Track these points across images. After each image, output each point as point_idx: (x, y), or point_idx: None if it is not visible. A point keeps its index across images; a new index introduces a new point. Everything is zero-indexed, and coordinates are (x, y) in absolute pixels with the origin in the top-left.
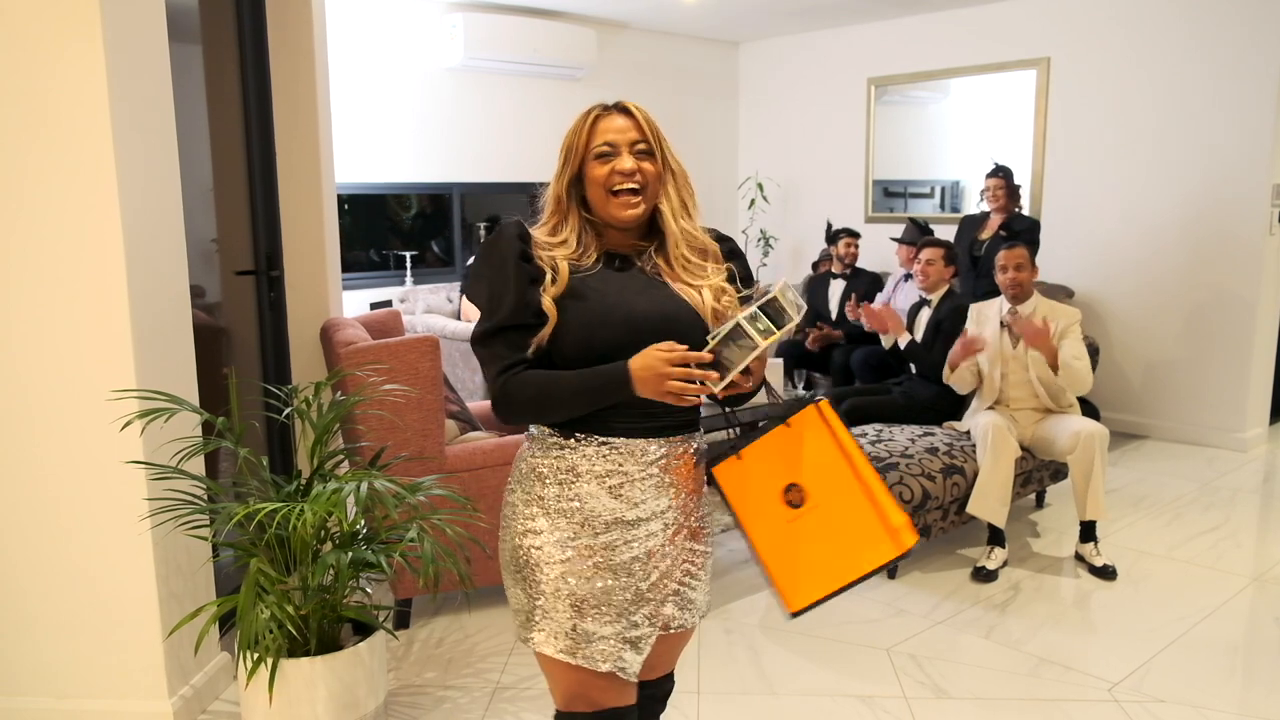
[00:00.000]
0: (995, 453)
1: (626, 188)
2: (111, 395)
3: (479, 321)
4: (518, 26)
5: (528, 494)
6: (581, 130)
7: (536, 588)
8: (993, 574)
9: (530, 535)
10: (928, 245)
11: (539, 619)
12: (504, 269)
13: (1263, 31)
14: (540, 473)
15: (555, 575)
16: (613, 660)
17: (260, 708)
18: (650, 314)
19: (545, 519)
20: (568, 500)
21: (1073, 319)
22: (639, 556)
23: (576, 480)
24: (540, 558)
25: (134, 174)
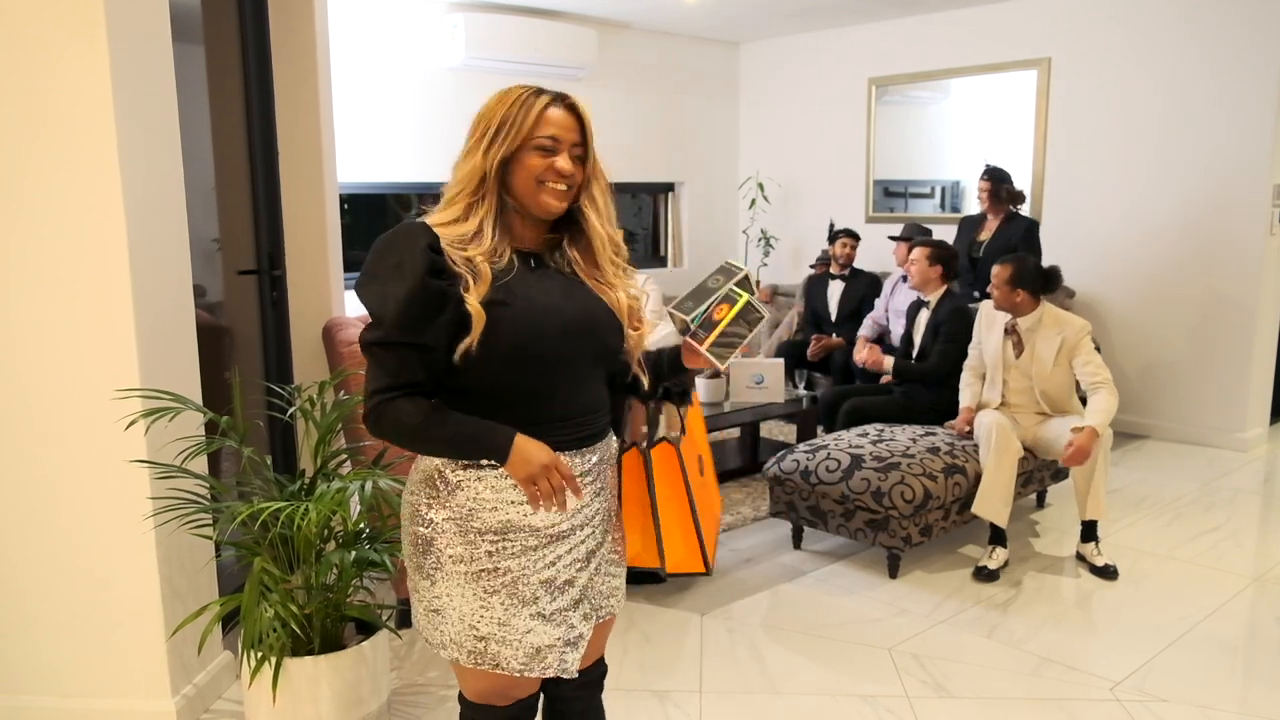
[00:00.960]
0: (998, 453)
1: (560, 187)
2: (115, 394)
3: (368, 326)
4: (519, 26)
5: (453, 513)
6: (529, 114)
7: (490, 613)
8: (994, 574)
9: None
10: (918, 244)
11: (495, 644)
12: (405, 281)
13: (1263, 32)
14: (466, 491)
15: (498, 599)
16: (556, 665)
17: (263, 707)
18: (580, 318)
19: (481, 539)
20: (500, 519)
21: (1082, 332)
22: (577, 560)
23: (511, 498)
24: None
25: (137, 173)
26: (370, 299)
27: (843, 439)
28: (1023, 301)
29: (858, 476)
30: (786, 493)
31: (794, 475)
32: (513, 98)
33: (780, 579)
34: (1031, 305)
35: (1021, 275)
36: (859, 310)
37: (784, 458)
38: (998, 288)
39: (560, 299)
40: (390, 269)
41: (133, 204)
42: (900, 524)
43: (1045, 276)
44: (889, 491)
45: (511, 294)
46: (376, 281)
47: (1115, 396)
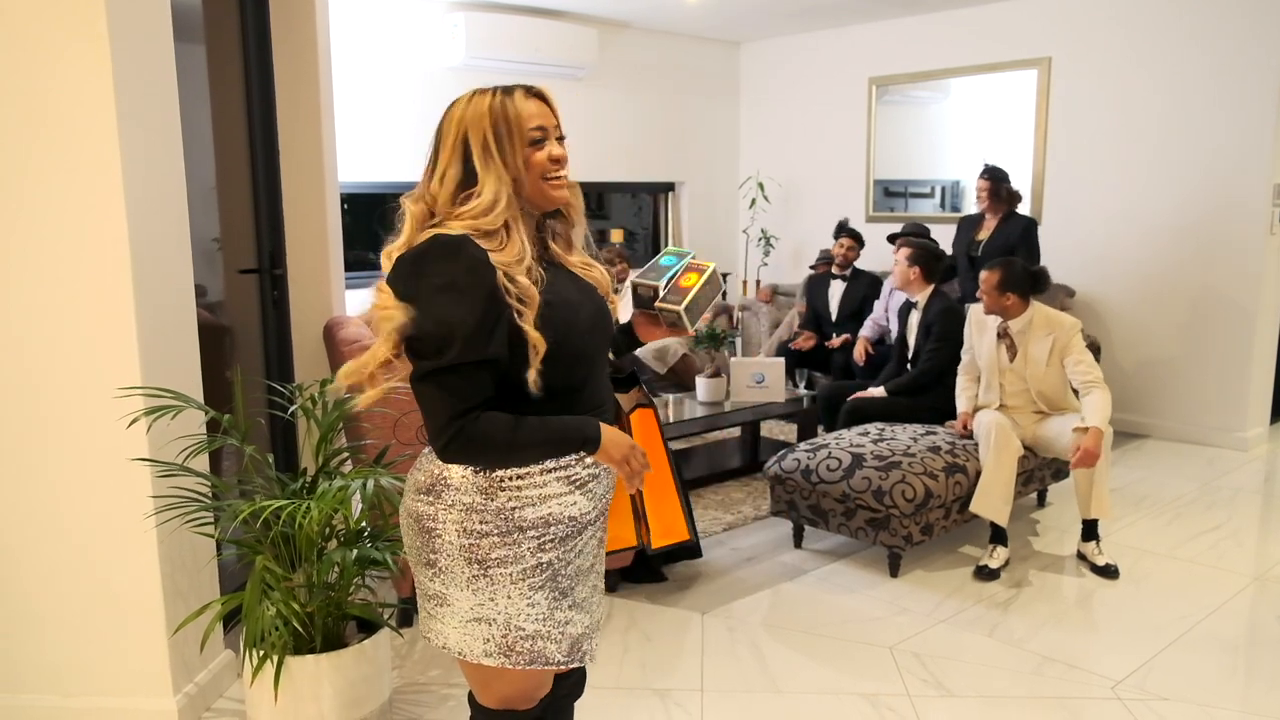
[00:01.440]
0: (998, 451)
1: (559, 174)
2: (117, 393)
3: (422, 355)
4: (519, 26)
5: (495, 517)
6: (518, 112)
7: (536, 610)
8: (995, 573)
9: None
10: (902, 243)
11: (542, 640)
12: (468, 299)
13: (1263, 31)
14: (507, 490)
15: (543, 594)
16: (591, 652)
17: (265, 705)
18: (595, 309)
19: (523, 537)
20: (543, 512)
21: (1072, 330)
22: (597, 545)
23: (554, 490)
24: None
25: (138, 172)
26: (427, 322)
27: (843, 438)
28: (1012, 305)
29: (859, 475)
30: (787, 492)
31: (795, 474)
32: (487, 104)
33: (781, 578)
34: (1021, 308)
35: (1009, 279)
36: (859, 311)
37: (785, 457)
38: (986, 293)
39: (577, 294)
40: (450, 290)
41: (134, 203)
42: (901, 523)
43: (1033, 278)
44: (890, 490)
45: (553, 299)
46: (432, 305)
47: (1108, 393)
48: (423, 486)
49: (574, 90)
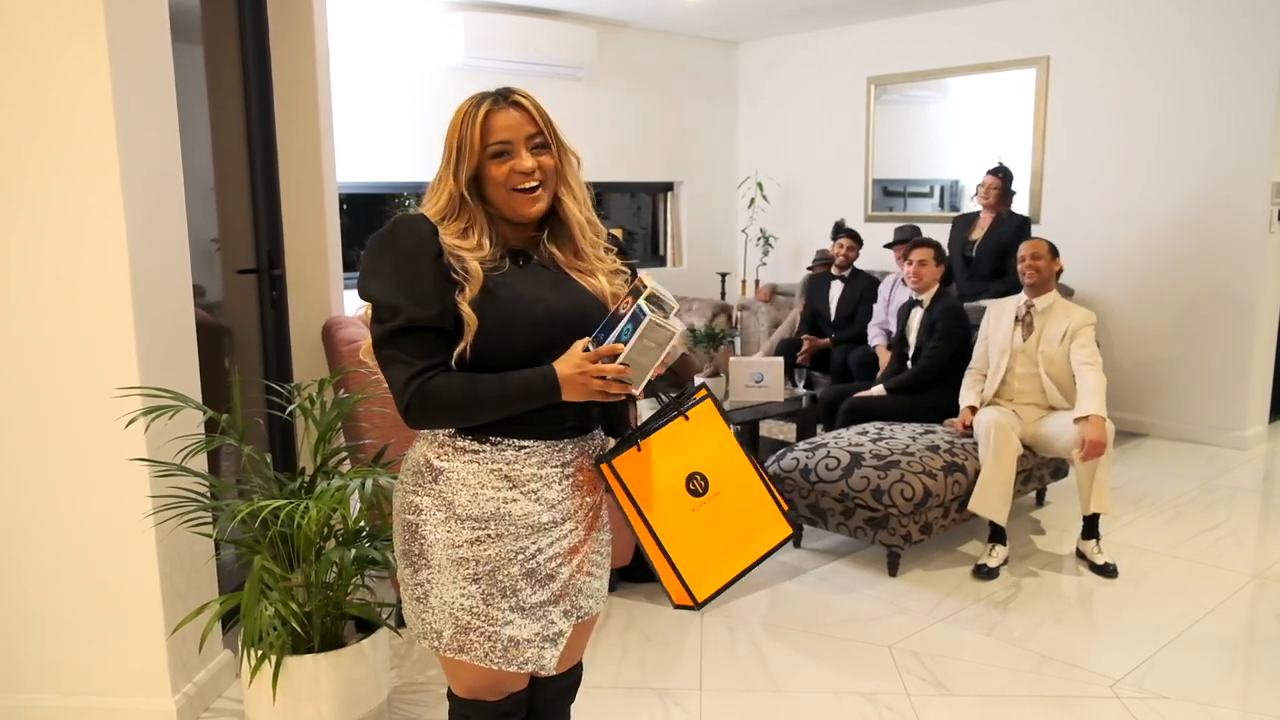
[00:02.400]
0: (997, 450)
1: (527, 186)
2: (115, 393)
3: (380, 321)
4: (518, 26)
5: (437, 500)
6: (474, 125)
7: (470, 601)
8: (994, 571)
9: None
10: (918, 245)
11: (474, 634)
12: (414, 265)
13: (1262, 30)
14: (449, 478)
15: (478, 587)
16: (534, 661)
17: (264, 705)
18: (567, 310)
19: (461, 526)
20: (481, 506)
21: (1087, 320)
22: (558, 555)
23: (491, 486)
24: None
25: (137, 173)
26: (380, 289)
27: (842, 437)
28: (1058, 270)
29: (857, 475)
30: (786, 490)
31: (794, 473)
32: (461, 114)
33: (780, 577)
34: (1052, 276)
35: (1053, 246)
36: (856, 312)
37: (784, 456)
38: (1036, 258)
39: (549, 291)
40: (400, 263)
41: (132, 203)
42: (900, 522)
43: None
44: (889, 489)
45: (499, 286)
46: (382, 275)
47: (1104, 377)
48: (403, 470)
49: (573, 90)
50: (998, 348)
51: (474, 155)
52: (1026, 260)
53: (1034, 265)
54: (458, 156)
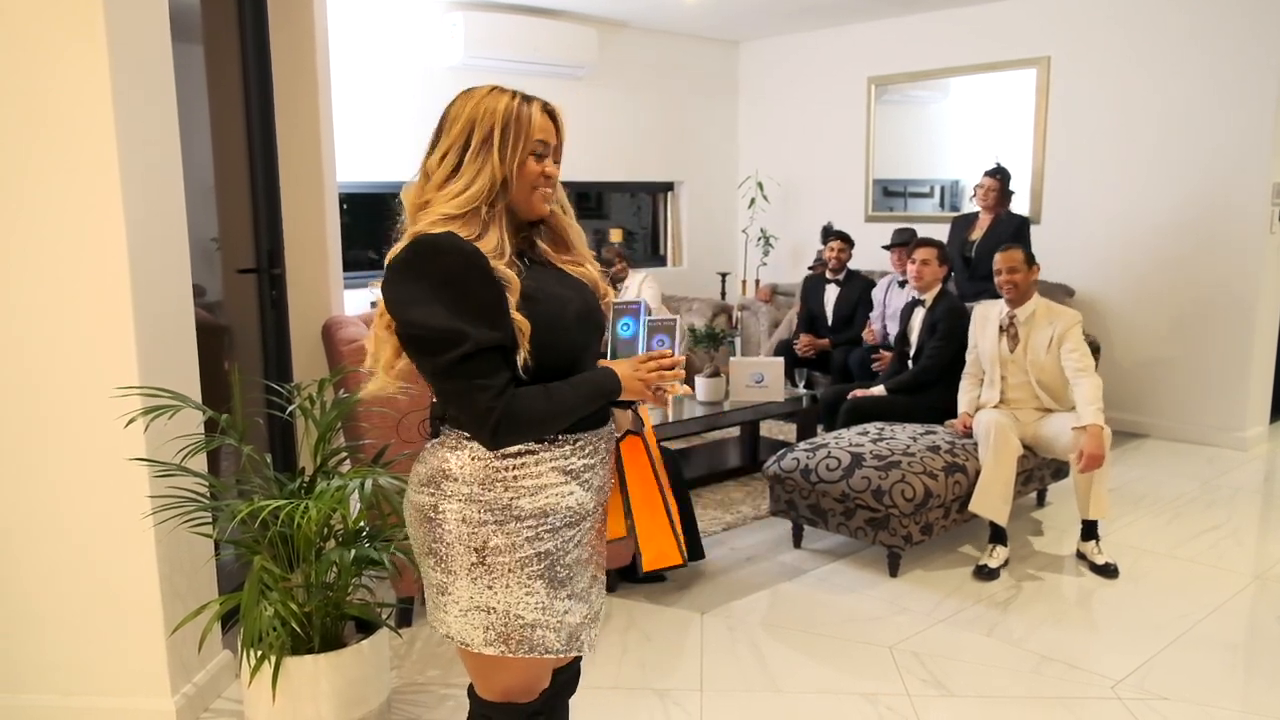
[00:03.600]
0: (997, 451)
1: (548, 189)
2: (115, 393)
3: (438, 350)
4: (518, 25)
5: (495, 506)
6: (529, 120)
7: (534, 598)
8: (994, 572)
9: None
10: (921, 245)
11: (541, 629)
12: (470, 286)
13: (1262, 30)
14: (507, 482)
15: (542, 583)
16: (587, 643)
17: (263, 705)
18: (587, 304)
19: (521, 526)
20: (540, 503)
21: (1073, 321)
22: (595, 536)
23: (551, 482)
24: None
25: (137, 172)
26: (441, 319)
27: (843, 437)
28: (1034, 279)
29: (858, 475)
30: (787, 491)
31: (794, 474)
32: (504, 103)
33: (780, 577)
34: (1032, 290)
35: (1029, 253)
36: (853, 315)
37: (784, 456)
38: (1013, 271)
39: (562, 289)
40: (456, 285)
41: (132, 202)
42: (900, 522)
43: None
44: (889, 490)
45: (533, 290)
46: (430, 300)
47: (1099, 381)
48: (424, 478)
49: (573, 90)
50: (987, 357)
51: (523, 145)
52: (1003, 274)
53: (1010, 280)
54: (504, 140)
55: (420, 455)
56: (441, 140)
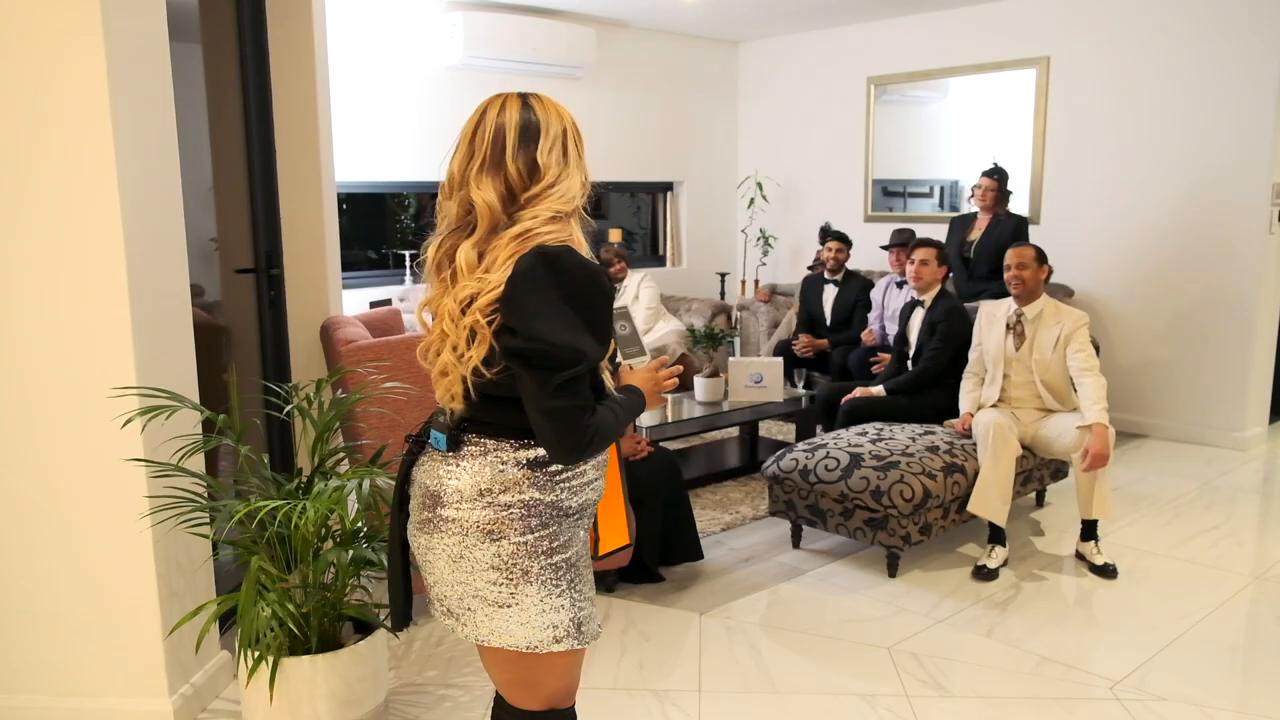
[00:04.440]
0: (996, 451)
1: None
2: (112, 393)
3: (563, 365)
4: (517, 25)
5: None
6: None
7: (576, 587)
8: (993, 572)
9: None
10: (920, 245)
11: (586, 615)
12: (589, 300)
13: (1262, 31)
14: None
15: (581, 572)
16: (600, 628)
17: (261, 706)
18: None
19: (566, 528)
20: (583, 499)
21: (1080, 322)
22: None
23: (590, 478)
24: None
25: (134, 172)
26: (562, 334)
27: (842, 438)
28: (1045, 278)
29: (857, 475)
30: (785, 492)
31: (793, 474)
32: (569, 112)
33: (779, 578)
34: (1042, 289)
35: (1040, 251)
36: (851, 315)
37: (783, 457)
38: (1022, 267)
39: None
40: (575, 299)
41: (129, 202)
42: (899, 523)
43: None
44: (888, 490)
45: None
46: (563, 315)
47: (1104, 381)
48: (474, 493)
49: (572, 90)
50: (991, 355)
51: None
52: (1012, 269)
53: (1019, 275)
54: (582, 148)
55: (445, 469)
56: (540, 145)
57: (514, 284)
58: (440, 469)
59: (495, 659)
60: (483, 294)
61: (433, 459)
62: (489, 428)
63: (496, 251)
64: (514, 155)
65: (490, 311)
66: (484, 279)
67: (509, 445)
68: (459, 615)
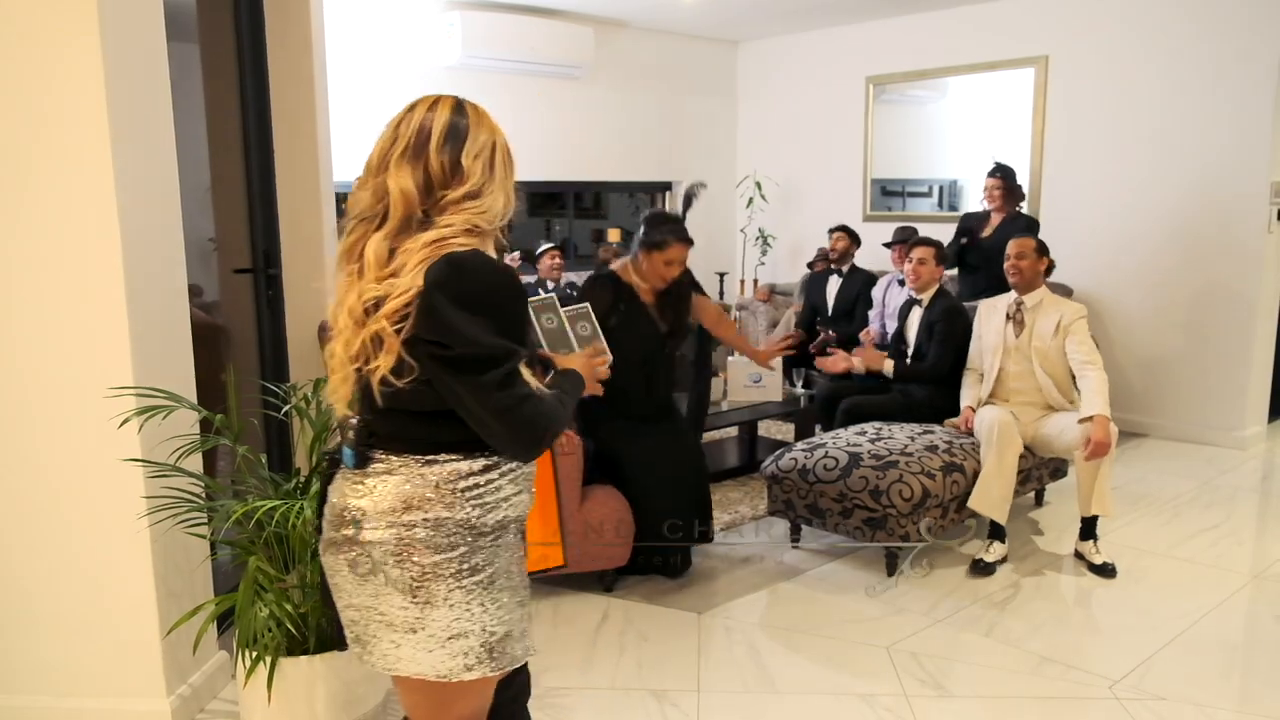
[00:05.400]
0: (1000, 449)
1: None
2: (109, 393)
3: (492, 365)
4: (516, 25)
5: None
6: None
7: (491, 611)
8: (991, 567)
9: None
10: (919, 244)
11: (501, 638)
12: (503, 300)
13: (1261, 30)
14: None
15: (508, 593)
16: (532, 644)
17: (259, 706)
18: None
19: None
20: (519, 510)
21: (1079, 313)
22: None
23: (507, 494)
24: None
25: (131, 172)
26: (486, 335)
27: (841, 437)
28: (1045, 267)
29: (856, 475)
30: (784, 491)
31: (792, 473)
32: (498, 125)
33: (778, 577)
34: (1037, 275)
35: (1042, 244)
36: (853, 309)
37: (782, 456)
38: (1021, 257)
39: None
40: (491, 300)
41: (126, 202)
42: (898, 522)
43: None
44: (887, 490)
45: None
46: (484, 317)
47: (1106, 375)
48: (378, 511)
49: (570, 89)
50: (990, 346)
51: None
52: (1011, 259)
53: (1016, 265)
54: (510, 167)
55: (349, 489)
56: (465, 147)
57: (429, 295)
58: (347, 487)
59: (406, 684)
60: (390, 299)
61: (344, 476)
62: (395, 443)
63: (408, 255)
64: (438, 148)
65: (398, 319)
66: (392, 283)
67: (415, 461)
68: (366, 643)
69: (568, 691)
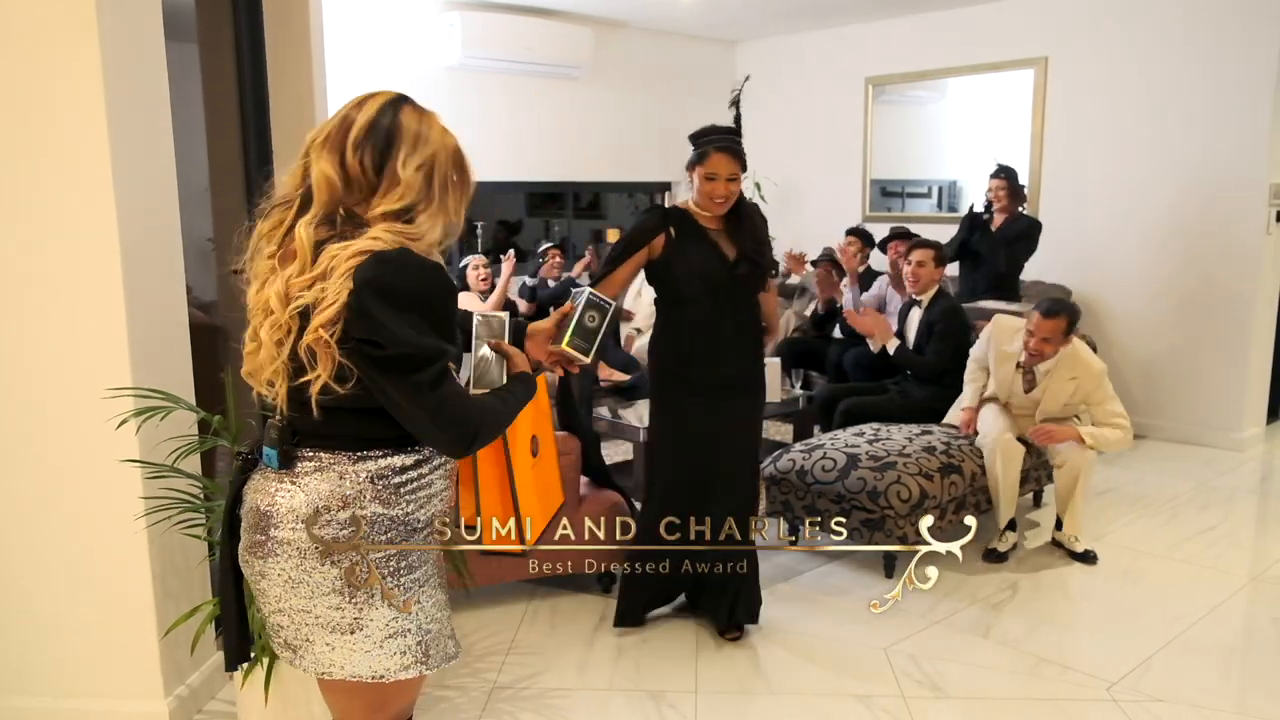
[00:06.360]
0: (1005, 463)
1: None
2: (107, 393)
3: (424, 364)
4: (515, 25)
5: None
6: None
7: (425, 609)
8: (1004, 555)
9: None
10: (918, 246)
11: (434, 636)
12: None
13: (1259, 31)
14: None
15: (436, 590)
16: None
17: (256, 707)
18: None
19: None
20: (440, 506)
21: (1100, 378)
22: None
23: (438, 489)
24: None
25: (130, 173)
26: (415, 334)
27: (839, 438)
28: (1056, 350)
29: (854, 476)
30: (783, 492)
31: (790, 474)
32: (456, 143)
33: (776, 579)
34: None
35: (1074, 321)
36: None
37: (780, 457)
38: (1045, 342)
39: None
40: (423, 299)
41: (124, 203)
42: (896, 523)
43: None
44: (885, 491)
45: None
46: (414, 315)
47: (1127, 437)
48: (310, 511)
49: (570, 90)
50: (999, 380)
51: (469, 196)
52: (1034, 340)
53: (1039, 348)
54: (459, 189)
55: (275, 489)
56: (400, 152)
57: (359, 294)
58: (272, 486)
59: (337, 689)
60: (321, 309)
61: (265, 476)
62: (325, 440)
63: (336, 261)
64: (354, 144)
65: (332, 327)
66: (322, 288)
67: (346, 458)
68: (297, 647)
69: (566, 692)
